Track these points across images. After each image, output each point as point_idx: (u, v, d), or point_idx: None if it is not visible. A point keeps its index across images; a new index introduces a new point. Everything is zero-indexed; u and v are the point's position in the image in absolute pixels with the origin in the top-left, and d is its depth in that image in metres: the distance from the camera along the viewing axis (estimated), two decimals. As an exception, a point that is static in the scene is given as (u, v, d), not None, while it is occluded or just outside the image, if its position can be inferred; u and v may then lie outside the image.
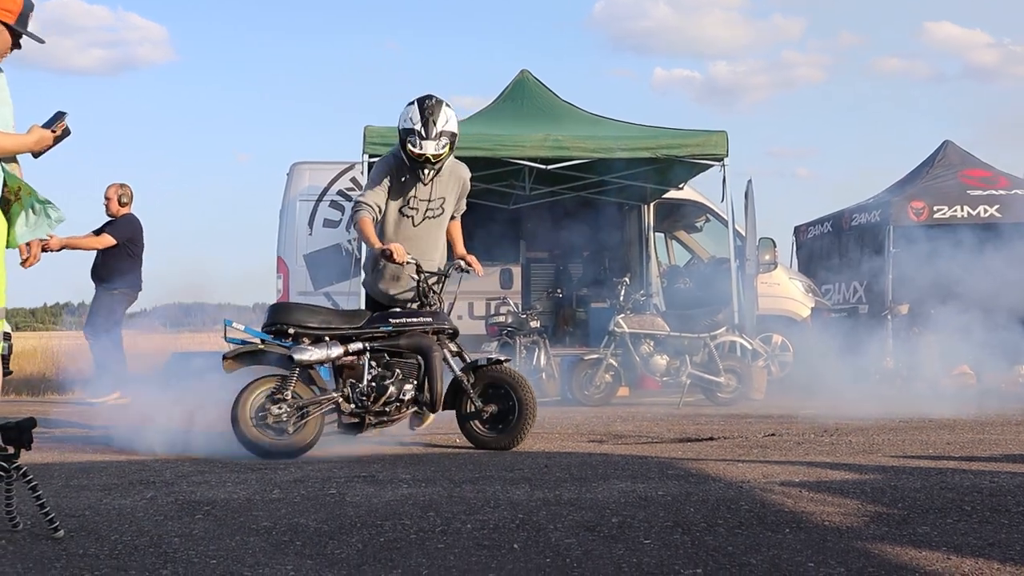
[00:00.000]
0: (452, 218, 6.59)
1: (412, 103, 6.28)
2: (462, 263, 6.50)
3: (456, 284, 6.72)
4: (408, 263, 6.12)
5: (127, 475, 4.94)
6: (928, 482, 4.60)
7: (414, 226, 6.39)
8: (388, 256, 6.08)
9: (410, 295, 6.32)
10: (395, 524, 3.69)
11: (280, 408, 5.71)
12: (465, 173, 6.53)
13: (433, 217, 6.42)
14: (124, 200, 9.92)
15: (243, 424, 5.68)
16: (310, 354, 5.83)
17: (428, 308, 6.18)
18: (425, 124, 6.16)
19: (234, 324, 6.15)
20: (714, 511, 3.91)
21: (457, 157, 6.53)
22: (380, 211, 6.31)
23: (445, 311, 6.38)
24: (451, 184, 6.44)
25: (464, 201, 6.62)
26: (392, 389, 5.90)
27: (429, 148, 6.17)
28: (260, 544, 3.39)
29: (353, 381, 5.98)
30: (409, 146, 6.17)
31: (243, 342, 6.14)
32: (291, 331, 5.93)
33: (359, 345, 6.02)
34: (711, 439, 6.51)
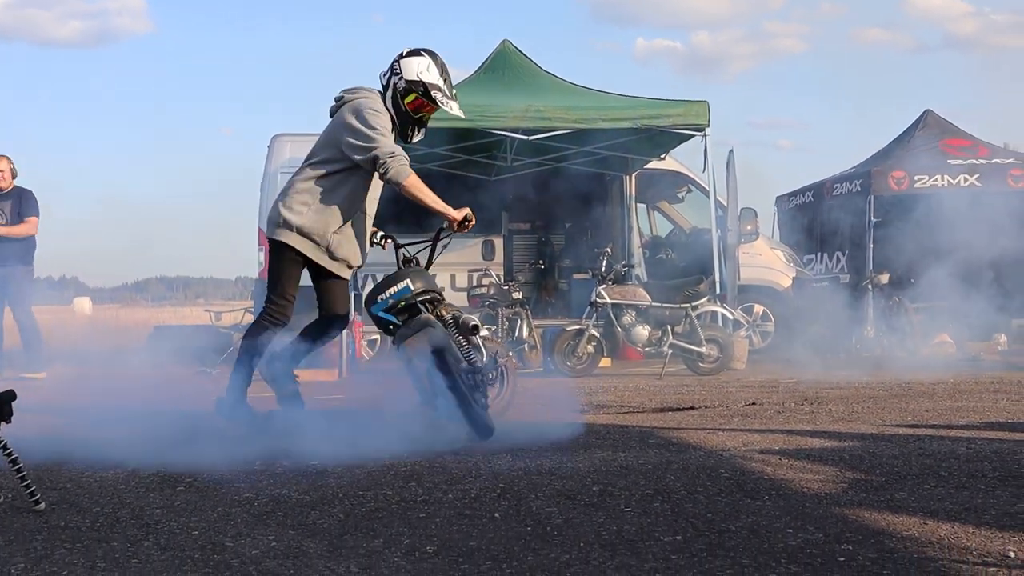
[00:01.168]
0: None
1: (422, 54, 5.63)
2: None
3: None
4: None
5: (108, 448, 4.92)
6: (906, 449, 4.64)
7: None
8: (464, 227, 5.65)
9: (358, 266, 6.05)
10: (377, 494, 3.70)
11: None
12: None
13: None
14: (15, 172, 9.70)
15: None
16: None
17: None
18: (447, 83, 5.66)
19: None
20: (694, 479, 3.93)
21: (438, 129, 6.36)
22: None
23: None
24: None
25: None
26: None
27: (456, 109, 5.69)
28: (242, 515, 3.40)
29: None
30: (438, 101, 5.57)
31: None
32: None
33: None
34: (692, 408, 6.55)
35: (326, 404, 7.42)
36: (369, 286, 12.48)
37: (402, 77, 5.59)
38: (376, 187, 5.78)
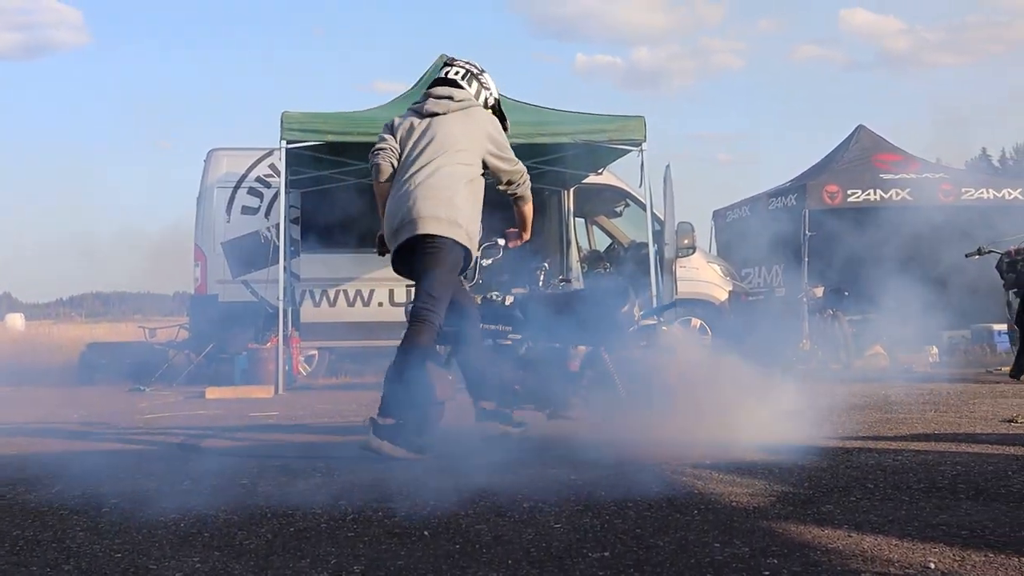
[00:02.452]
0: None
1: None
2: None
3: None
4: None
5: (33, 469, 4.84)
6: (835, 461, 4.69)
7: None
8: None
9: None
10: (305, 514, 3.67)
11: None
12: None
13: None
14: None
15: None
16: None
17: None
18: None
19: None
20: (625, 494, 3.94)
21: None
22: None
23: None
24: None
25: None
26: None
27: None
28: (167, 536, 3.34)
29: None
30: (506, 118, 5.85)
31: None
32: None
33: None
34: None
35: (261, 420, 7.36)
36: (308, 302, 12.49)
37: (491, 93, 5.78)
38: None
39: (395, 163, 5.41)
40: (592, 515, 3.57)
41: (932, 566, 2.83)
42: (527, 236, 5.81)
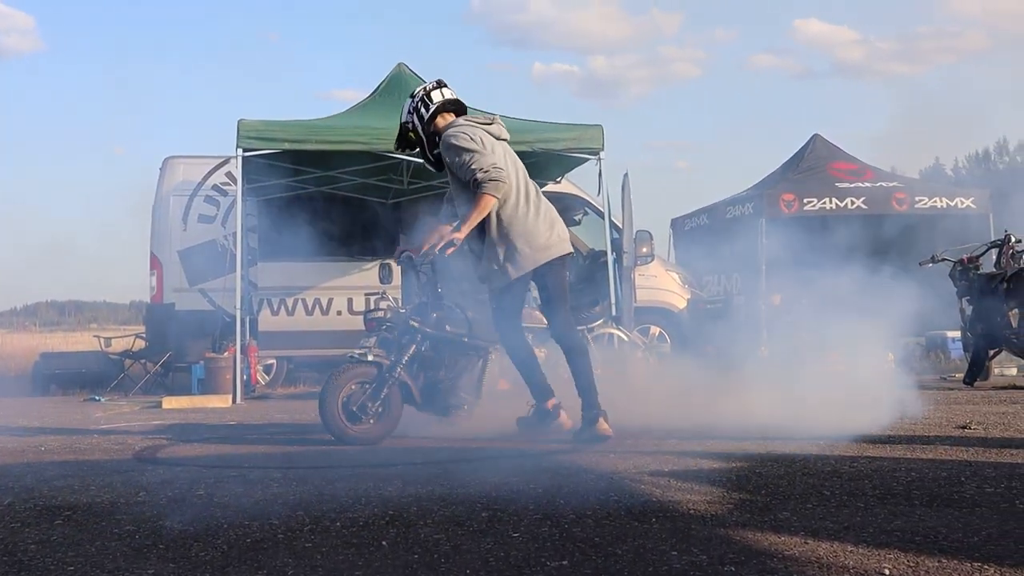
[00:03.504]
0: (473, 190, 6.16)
1: None
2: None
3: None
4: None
5: (-15, 481, 4.78)
6: (791, 469, 4.72)
7: (455, 207, 6.35)
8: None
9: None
10: (263, 524, 3.64)
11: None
12: (441, 144, 6.27)
13: (456, 195, 6.32)
14: None
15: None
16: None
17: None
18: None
19: None
20: (584, 503, 3.95)
21: (334, 152, 6.57)
22: None
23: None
24: (443, 158, 6.29)
25: (459, 172, 6.14)
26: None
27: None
28: (121, 549, 3.31)
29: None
30: None
31: None
32: None
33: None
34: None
35: (219, 431, 7.30)
36: (266, 310, 12.41)
37: None
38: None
39: None
40: (551, 524, 3.57)
41: (887, 572, 2.85)
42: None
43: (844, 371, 12.11)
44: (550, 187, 13.21)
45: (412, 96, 6.47)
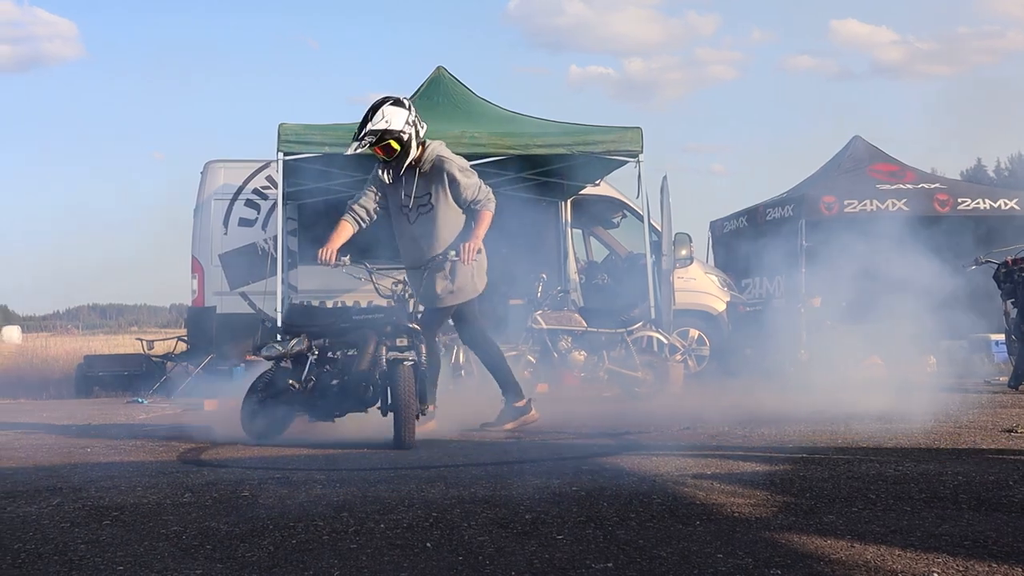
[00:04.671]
0: (469, 209, 6.72)
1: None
2: (452, 252, 6.61)
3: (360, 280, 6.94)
4: (337, 263, 6.53)
5: (33, 481, 4.83)
6: (836, 472, 4.69)
7: (410, 223, 6.70)
8: (319, 258, 6.56)
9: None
10: (308, 525, 3.66)
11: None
12: (445, 164, 6.61)
13: (425, 213, 6.60)
14: None
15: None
16: (271, 350, 6.37)
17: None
18: (360, 126, 6.54)
19: None
20: (627, 505, 3.94)
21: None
22: (366, 214, 6.72)
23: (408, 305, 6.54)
24: (434, 177, 6.59)
25: (467, 191, 6.66)
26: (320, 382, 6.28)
27: (349, 149, 6.69)
28: (169, 549, 3.34)
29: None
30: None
31: None
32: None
33: (320, 341, 6.38)
34: (627, 434, 6.57)
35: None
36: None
37: None
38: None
39: None
40: (595, 526, 3.57)
41: (936, 576, 2.83)
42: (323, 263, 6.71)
43: (885, 374, 12.04)
44: (589, 189, 13.22)
45: (399, 105, 6.60)
